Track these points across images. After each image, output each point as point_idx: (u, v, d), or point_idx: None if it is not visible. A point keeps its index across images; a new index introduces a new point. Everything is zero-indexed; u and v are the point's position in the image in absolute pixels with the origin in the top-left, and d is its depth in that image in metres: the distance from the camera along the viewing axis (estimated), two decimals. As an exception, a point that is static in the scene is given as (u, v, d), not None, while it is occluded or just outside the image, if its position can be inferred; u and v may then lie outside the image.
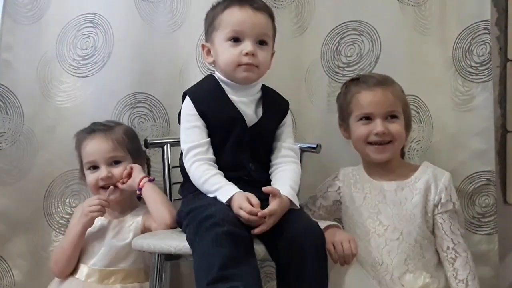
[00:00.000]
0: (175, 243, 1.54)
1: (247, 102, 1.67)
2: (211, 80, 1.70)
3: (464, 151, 2.03)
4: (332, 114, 2.01)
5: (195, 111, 1.64)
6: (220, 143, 1.64)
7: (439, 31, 2.06)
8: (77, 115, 2.01)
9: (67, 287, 1.81)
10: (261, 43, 1.65)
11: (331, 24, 2.04)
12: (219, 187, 1.55)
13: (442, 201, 1.75)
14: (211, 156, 1.62)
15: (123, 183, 1.81)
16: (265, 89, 1.72)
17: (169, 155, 1.89)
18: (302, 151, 1.86)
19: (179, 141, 1.83)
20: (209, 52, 1.70)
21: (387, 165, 1.81)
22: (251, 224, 1.49)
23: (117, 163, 1.84)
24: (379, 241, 1.74)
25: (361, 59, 2.03)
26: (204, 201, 1.56)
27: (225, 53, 1.64)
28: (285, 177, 1.63)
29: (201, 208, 1.52)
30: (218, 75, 1.70)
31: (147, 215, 1.81)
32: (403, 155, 1.91)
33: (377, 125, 1.76)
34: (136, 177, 1.80)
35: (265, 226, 1.49)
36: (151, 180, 1.81)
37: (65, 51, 2.03)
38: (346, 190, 1.84)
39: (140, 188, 1.78)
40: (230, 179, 1.58)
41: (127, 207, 1.87)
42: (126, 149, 1.85)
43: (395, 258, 1.72)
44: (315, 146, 1.90)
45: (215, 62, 1.69)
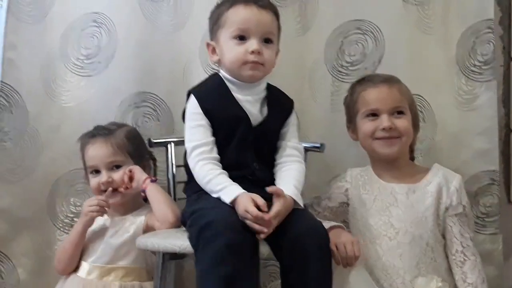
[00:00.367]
0: (180, 242, 1.54)
1: (252, 101, 1.67)
2: (216, 79, 1.70)
3: (467, 151, 2.03)
4: (335, 113, 2.02)
5: (199, 110, 1.64)
6: (224, 142, 1.64)
7: (442, 30, 2.06)
8: (81, 114, 2.01)
9: (69, 284, 1.83)
10: (267, 41, 1.65)
11: (335, 23, 2.04)
12: (223, 187, 1.54)
13: (453, 204, 1.75)
14: (216, 155, 1.62)
15: (126, 188, 1.81)
16: (270, 88, 1.72)
17: (173, 154, 1.88)
18: (306, 150, 1.85)
19: (183, 141, 1.83)
20: (214, 50, 1.69)
21: (395, 164, 1.79)
22: (256, 228, 1.49)
23: (117, 167, 1.85)
24: (391, 244, 1.73)
25: (364, 58, 2.04)
26: (207, 202, 1.55)
27: (231, 51, 1.64)
28: (289, 177, 1.63)
29: (203, 211, 1.52)
30: (223, 73, 1.69)
31: (150, 214, 1.81)
32: (413, 158, 1.89)
33: (384, 121, 1.75)
34: (140, 179, 1.81)
35: (270, 228, 1.49)
36: (153, 180, 1.82)
37: (69, 50, 2.03)
38: (354, 191, 1.82)
39: (143, 189, 1.79)
40: (234, 178, 1.58)
41: (130, 208, 1.88)
42: (126, 153, 1.86)
43: (406, 261, 1.71)
44: (319, 145, 1.89)
45: (220, 60, 1.68)
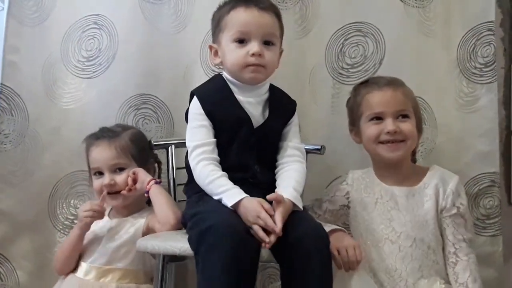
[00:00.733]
0: (180, 244, 1.54)
1: (254, 102, 1.67)
2: (219, 80, 1.70)
3: (468, 153, 2.03)
4: (336, 115, 2.02)
5: (202, 111, 1.64)
6: (226, 143, 1.64)
7: (443, 32, 2.05)
8: (82, 116, 2.01)
9: (67, 284, 1.83)
10: (268, 43, 1.65)
11: (336, 25, 2.04)
12: (225, 190, 1.54)
13: (447, 205, 1.74)
14: (217, 156, 1.62)
15: (129, 190, 1.81)
16: (272, 89, 1.72)
17: (174, 156, 1.89)
18: (306, 152, 1.85)
19: (183, 142, 1.83)
20: (216, 53, 1.70)
21: (398, 167, 1.78)
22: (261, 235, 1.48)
23: (121, 170, 1.85)
24: (393, 247, 1.72)
25: (365, 60, 2.03)
26: (208, 205, 1.56)
27: (232, 54, 1.64)
28: (288, 178, 1.63)
29: (204, 214, 1.52)
30: (225, 75, 1.70)
31: (152, 216, 1.81)
32: (415, 161, 1.88)
33: (388, 124, 1.74)
34: (144, 180, 1.81)
35: (275, 238, 1.48)
36: (158, 182, 1.82)
37: (70, 52, 2.04)
38: (355, 194, 1.82)
39: (147, 190, 1.79)
40: (235, 180, 1.58)
41: (132, 210, 1.88)
42: (130, 156, 1.86)
43: (409, 264, 1.71)
44: (319, 147, 1.89)
45: (222, 62, 1.69)
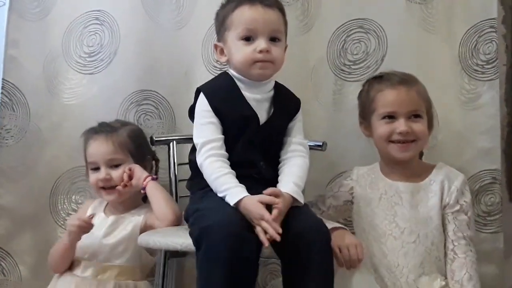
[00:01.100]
0: (181, 240, 1.55)
1: (261, 99, 1.67)
2: (225, 77, 1.70)
3: (470, 149, 2.02)
4: (338, 112, 2.02)
5: (209, 108, 1.64)
6: (232, 140, 1.64)
7: (445, 29, 2.05)
8: (83, 112, 2.01)
9: (62, 281, 1.83)
10: (274, 39, 1.65)
11: (338, 22, 2.03)
12: (228, 188, 1.54)
13: (450, 202, 1.74)
14: (225, 152, 1.62)
15: (125, 185, 1.81)
16: (278, 87, 1.72)
17: (175, 152, 1.88)
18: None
19: (185, 138, 1.84)
20: (222, 51, 1.69)
21: (407, 165, 1.78)
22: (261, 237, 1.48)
23: (117, 165, 1.85)
24: (395, 243, 1.72)
25: (367, 57, 2.03)
26: (211, 201, 1.56)
27: (239, 52, 1.64)
28: (289, 173, 1.63)
29: (206, 210, 1.52)
30: (232, 72, 1.69)
31: (150, 213, 1.81)
32: (421, 155, 1.87)
33: (401, 124, 1.74)
34: (140, 177, 1.81)
35: (276, 236, 1.48)
36: (154, 178, 1.82)
37: (71, 48, 2.04)
38: (359, 190, 1.82)
39: (144, 187, 1.79)
40: (240, 176, 1.58)
41: (129, 206, 1.88)
42: (127, 152, 1.85)
43: (411, 260, 1.71)
44: (321, 144, 1.90)
45: (229, 61, 1.69)
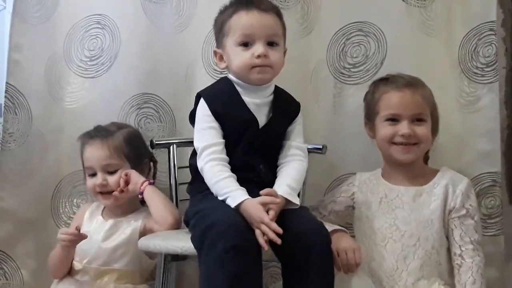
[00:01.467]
0: (181, 243, 1.55)
1: (260, 104, 1.68)
2: (225, 82, 1.71)
3: (469, 152, 2.02)
4: (337, 115, 2.02)
5: (210, 112, 1.65)
6: (232, 144, 1.65)
7: (445, 32, 2.05)
8: (84, 115, 2.02)
9: (62, 286, 1.83)
10: (272, 44, 1.66)
11: (337, 25, 2.03)
12: (228, 191, 1.55)
13: (456, 206, 1.74)
14: (225, 156, 1.63)
15: (121, 191, 1.81)
16: (277, 91, 1.73)
17: (175, 155, 1.89)
18: (308, 152, 1.86)
19: (185, 142, 1.84)
20: (221, 57, 1.71)
21: (409, 169, 1.78)
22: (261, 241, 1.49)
23: (113, 170, 1.85)
24: (395, 246, 1.72)
25: (367, 60, 2.03)
26: (211, 203, 1.57)
27: (238, 57, 1.65)
28: (285, 176, 1.64)
29: (207, 211, 1.53)
30: (231, 77, 1.71)
31: (148, 217, 1.81)
32: (427, 160, 1.87)
33: (404, 127, 1.74)
34: (137, 182, 1.81)
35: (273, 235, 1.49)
36: (151, 183, 1.82)
37: (72, 52, 2.05)
38: (361, 196, 1.82)
39: (141, 192, 1.79)
40: (240, 180, 1.59)
41: (127, 210, 1.88)
42: (123, 156, 1.85)
43: (410, 264, 1.70)
44: (321, 147, 1.90)
45: (228, 67, 1.70)
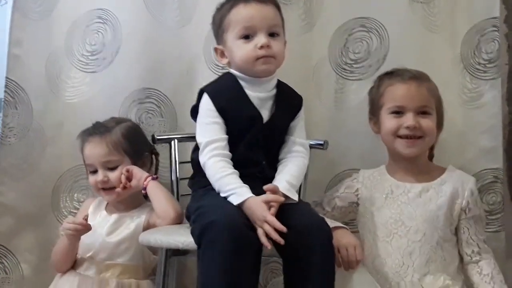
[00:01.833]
0: (183, 238, 1.55)
1: (264, 98, 1.67)
2: (228, 77, 1.70)
3: (471, 149, 2.02)
4: (339, 111, 2.02)
5: (213, 107, 1.64)
6: (235, 139, 1.64)
7: (447, 28, 2.05)
8: (86, 110, 2.02)
9: (65, 279, 1.83)
10: (273, 34, 1.66)
11: (339, 20, 2.03)
12: (232, 188, 1.54)
13: (469, 205, 1.74)
14: (228, 152, 1.62)
15: (124, 187, 1.81)
16: (280, 85, 1.72)
17: (177, 150, 1.88)
18: (309, 147, 1.86)
19: (186, 137, 1.84)
20: (222, 54, 1.70)
21: (414, 164, 1.78)
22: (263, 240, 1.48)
23: (114, 166, 1.84)
24: (401, 242, 1.72)
25: (369, 55, 2.03)
26: (212, 199, 1.56)
27: (240, 50, 1.65)
28: (284, 172, 1.64)
29: (208, 208, 1.52)
30: (234, 72, 1.69)
31: (151, 212, 1.81)
32: (432, 157, 1.87)
33: (409, 119, 1.73)
34: (141, 177, 1.81)
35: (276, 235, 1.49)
36: (154, 178, 1.82)
37: (74, 46, 2.04)
38: (365, 192, 1.81)
39: (144, 187, 1.79)
40: (242, 175, 1.58)
41: (131, 205, 1.88)
42: (123, 152, 1.85)
43: (416, 260, 1.71)
44: (322, 142, 1.89)
45: (230, 63, 1.69)
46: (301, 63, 2.02)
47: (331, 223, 1.64)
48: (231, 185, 1.55)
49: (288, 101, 1.72)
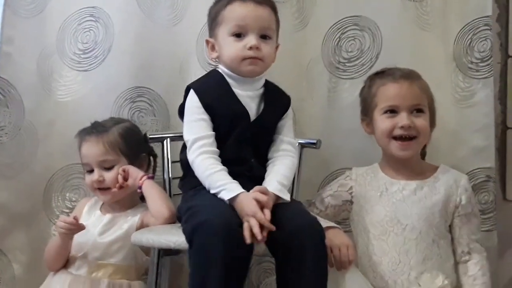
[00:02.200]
0: (175, 238, 1.54)
1: (251, 96, 1.68)
2: (215, 74, 1.71)
3: (464, 147, 2.03)
4: (332, 110, 2.02)
5: (200, 104, 1.64)
6: (223, 137, 1.64)
7: (440, 26, 2.05)
8: (78, 109, 2.01)
9: (57, 279, 1.82)
10: (265, 37, 1.66)
11: (332, 19, 2.03)
12: (222, 184, 1.54)
13: (463, 202, 1.75)
14: (216, 149, 1.62)
15: (120, 187, 1.80)
16: (267, 84, 1.73)
17: (169, 149, 1.88)
18: (302, 146, 1.87)
19: (179, 136, 1.83)
20: (213, 47, 1.71)
21: (407, 163, 1.78)
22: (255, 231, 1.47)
23: (110, 166, 1.84)
24: (397, 240, 1.72)
25: (362, 54, 2.03)
26: (203, 199, 1.56)
27: (230, 48, 1.65)
28: (275, 172, 1.64)
29: (199, 207, 1.52)
30: (222, 68, 1.70)
31: (146, 212, 1.81)
32: (424, 156, 1.87)
33: (403, 118, 1.73)
34: (136, 177, 1.80)
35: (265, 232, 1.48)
36: (150, 177, 1.81)
37: (65, 44, 2.03)
38: (359, 189, 1.81)
39: (140, 186, 1.79)
40: (231, 173, 1.58)
41: (126, 205, 1.88)
42: (119, 152, 1.85)
43: (413, 258, 1.71)
44: (315, 141, 1.89)
45: (219, 57, 1.70)
46: (294, 62, 2.02)
47: (324, 223, 1.64)
48: (221, 181, 1.55)
49: (276, 100, 1.72)
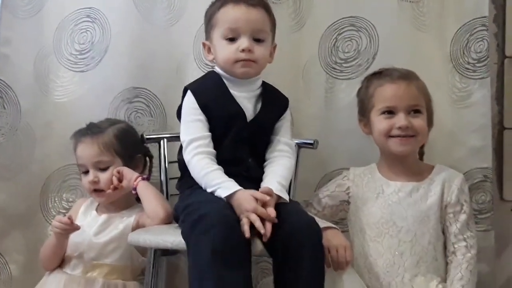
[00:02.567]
0: (172, 238, 1.54)
1: (248, 97, 1.69)
2: (212, 75, 1.72)
3: (461, 148, 2.03)
4: (329, 110, 2.02)
5: (197, 105, 1.65)
6: (220, 137, 1.65)
7: (437, 27, 2.05)
8: (74, 109, 2.01)
9: (52, 279, 1.82)
10: (258, 40, 1.67)
11: (329, 19, 2.03)
12: (219, 182, 1.55)
13: (452, 202, 1.75)
14: (212, 150, 1.63)
15: (115, 188, 1.80)
16: (265, 86, 1.73)
17: (166, 150, 1.88)
18: (299, 147, 1.87)
19: (176, 136, 1.83)
20: (209, 49, 1.72)
21: (404, 161, 1.78)
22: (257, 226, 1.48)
23: (105, 167, 1.84)
24: (392, 242, 1.72)
25: (358, 55, 2.03)
26: (200, 196, 1.56)
27: (223, 50, 1.67)
28: (274, 173, 1.64)
29: (196, 204, 1.52)
30: (218, 70, 1.71)
31: (141, 213, 1.81)
32: (422, 156, 1.87)
33: (400, 119, 1.73)
34: (131, 178, 1.80)
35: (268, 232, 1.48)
36: (145, 178, 1.81)
37: (62, 45, 2.02)
38: (356, 190, 1.82)
39: (134, 187, 1.79)
40: (228, 174, 1.59)
41: (122, 206, 1.87)
42: (114, 153, 1.84)
43: (407, 260, 1.71)
44: (312, 142, 1.89)
45: (215, 59, 1.71)
46: (291, 62, 2.02)
47: (322, 223, 1.64)
48: (217, 179, 1.56)
49: (273, 100, 1.73)
